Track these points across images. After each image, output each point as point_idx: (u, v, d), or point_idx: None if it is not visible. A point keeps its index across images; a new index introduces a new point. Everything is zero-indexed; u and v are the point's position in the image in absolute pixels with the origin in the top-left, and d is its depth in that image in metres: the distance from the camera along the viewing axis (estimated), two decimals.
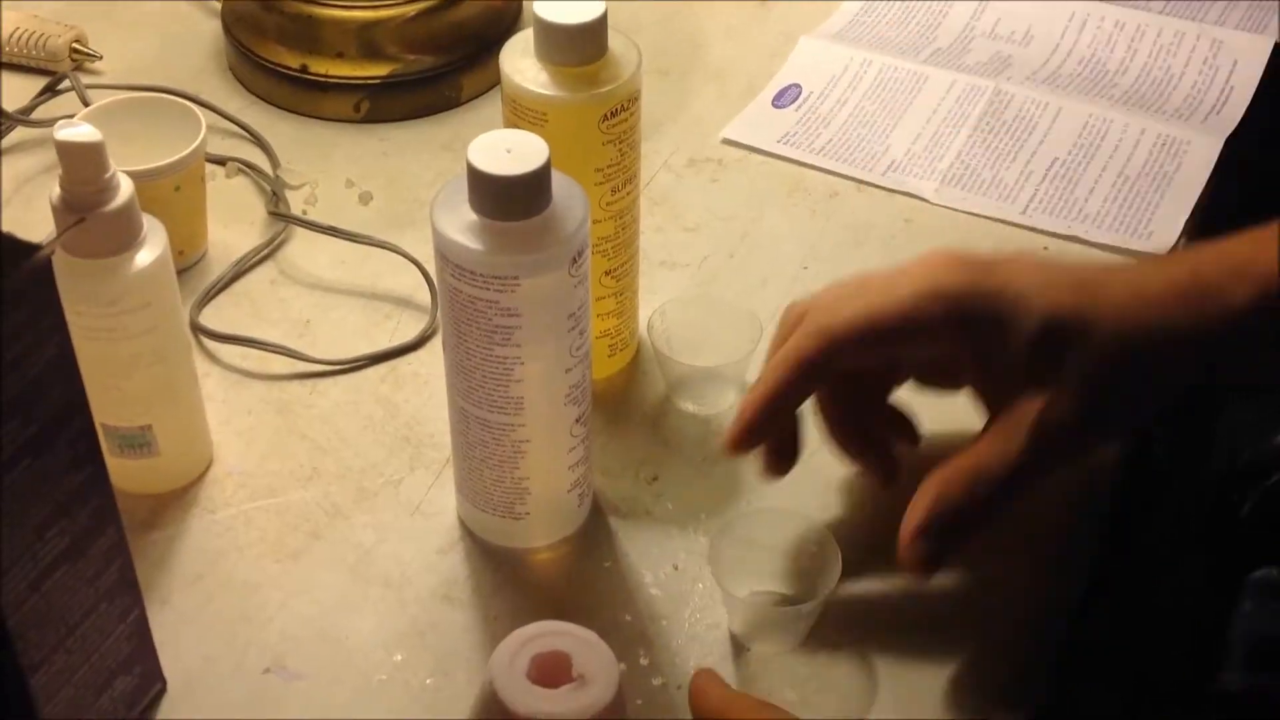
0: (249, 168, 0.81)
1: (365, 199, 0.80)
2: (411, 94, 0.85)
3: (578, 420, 0.60)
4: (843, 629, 0.59)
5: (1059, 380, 0.55)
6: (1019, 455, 0.56)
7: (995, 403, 0.59)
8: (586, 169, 0.63)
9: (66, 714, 0.52)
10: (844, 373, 0.59)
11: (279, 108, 0.85)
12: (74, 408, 0.48)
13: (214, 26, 0.90)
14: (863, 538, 0.61)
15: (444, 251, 0.55)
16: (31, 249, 0.45)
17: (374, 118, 0.85)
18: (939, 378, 0.63)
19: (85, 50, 0.87)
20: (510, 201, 0.54)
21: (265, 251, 0.76)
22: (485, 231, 0.55)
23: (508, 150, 0.54)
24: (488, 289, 0.55)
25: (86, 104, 0.79)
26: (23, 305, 0.45)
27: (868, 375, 0.62)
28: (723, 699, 0.54)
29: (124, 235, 0.58)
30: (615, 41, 0.62)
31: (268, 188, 0.79)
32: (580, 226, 0.55)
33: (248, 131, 0.83)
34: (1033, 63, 0.86)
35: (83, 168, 0.56)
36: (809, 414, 0.62)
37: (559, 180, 0.56)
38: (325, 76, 0.84)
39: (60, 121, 0.57)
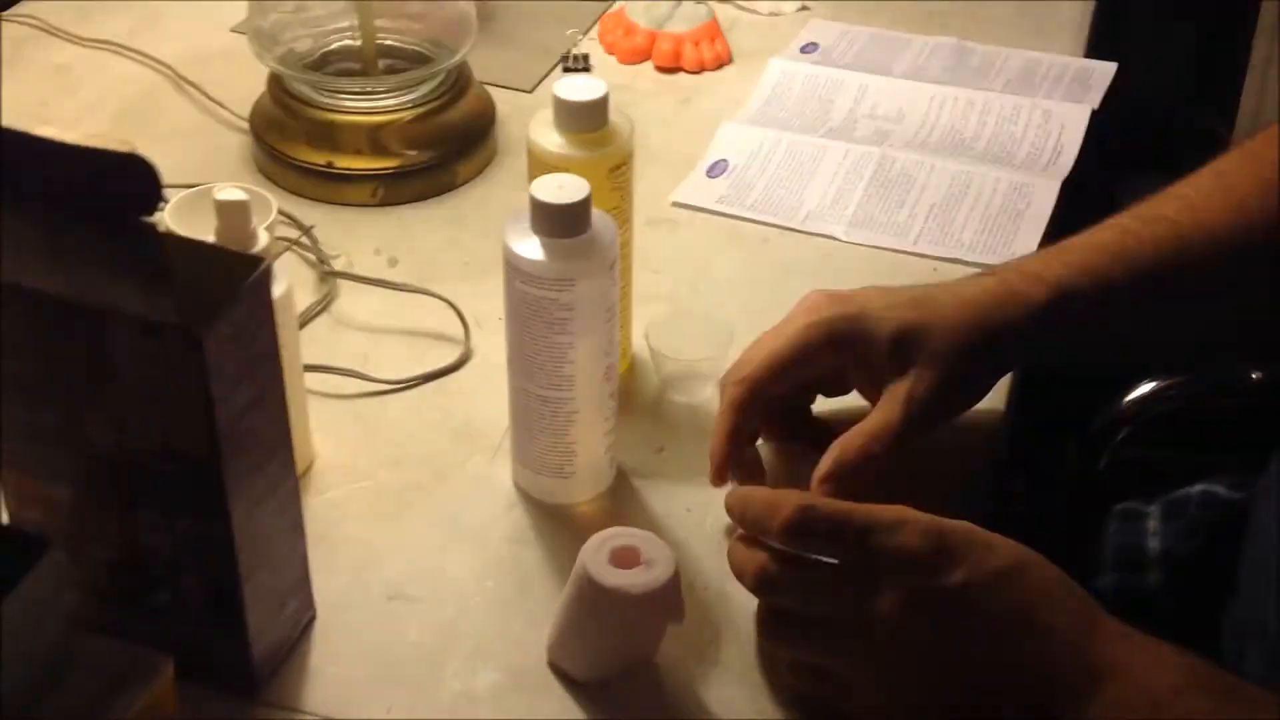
0: (294, 243, 0.99)
1: (392, 262, 0.98)
2: (417, 180, 1.04)
3: (610, 395, 0.79)
4: None
5: (915, 368, 0.76)
6: (896, 421, 0.76)
7: (875, 393, 0.79)
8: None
9: (259, 622, 0.68)
10: (771, 400, 0.79)
11: (307, 198, 1.04)
12: (276, 375, 0.65)
13: (239, 137, 1.09)
14: None
15: (515, 264, 0.75)
16: (257, 260, 0.63)
17: (388, 201, 1.04)
18: (833, 386, 0.82)
19: None
20: (565, 223, 0.74)
21: (321, 305, 0.94)
22: (547, 247, 0.74)
23: (559, 187, 0.74)
24: (549, 289, 0.74)
25: (164, 200, 0.96)
26: (251, 299, 0.62)
27: (786, 399, 0.81)
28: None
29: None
30: (614, 114, 0.83)
31: (314, 257, 0.98)
32: (614, 242, 0.75)
33: (288, 217, 1.01)
34: (907, 134, 1.09)
35: (236, 220, 0.74)
36: None
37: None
38: (347, 170, 1.03)
39: (214, 188, 0.75)
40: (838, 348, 0.78)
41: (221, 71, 1.15)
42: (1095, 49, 1.23)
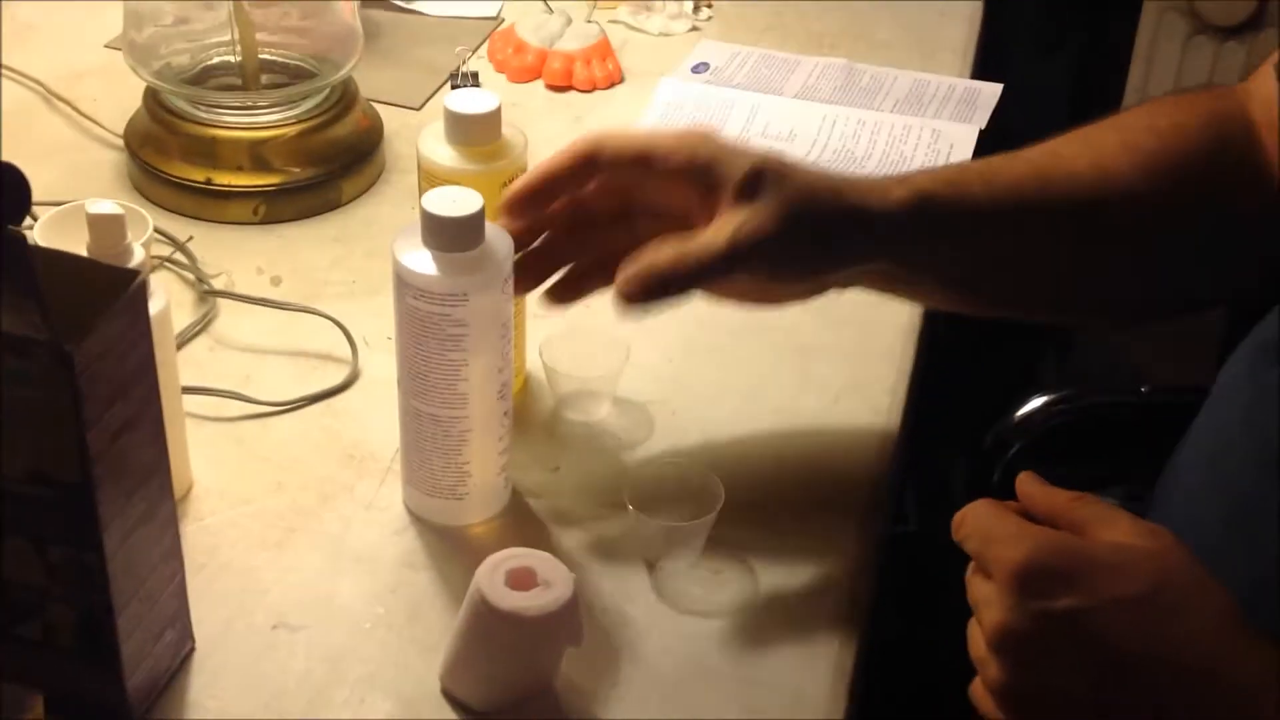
0: (172, 262, 0.95)
1: (276, 281, 0.95)
2: (301, 198, 1.01)
3: (505, 414, 0.77)
4: (730, 546, 0.77)
5: (757, 202, 0.73)
6: (720, 247, 0.72)
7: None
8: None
9: (134, 654, 0.65)
10: (602, 171, 0.75)
11: (186, 215, 1.00)
12: (153, 395, 0.62)
13: (112, 153, 1.05)
14: (740, 476, 0.80)
15: (406, 279, 0.72)
16: (132, 274, 0.60)
17: (271, 219, 1.00)
18: (672, 219, 0.76)
19: None
20: (457, 237, 0.72)
21: (201, 325, 0.90)
22: (439, 262, 0.72)
23: (452, 200, 0.72)
24: (443, 305, 0.72)
25: (34, 218, 0.92)
26: (126, 315, 0.59)
27: (613, 197, 0.77)
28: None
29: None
30: (507, 129, 0.81)
31: (192, 275, 0.94)
32: (508, 256, 0.73)
33: (165, 235, 0.97)
34: (799, 153, 1.09)
35: (110, 235, 0.71)
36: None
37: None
38: (228, 186, 1.00)
39: (86, 202, 0.72)
40: (695, 169, 0.74)
41: (95, 87, 1.11)
42: (980, 73, 1.24)
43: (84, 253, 0.72)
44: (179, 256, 0.96)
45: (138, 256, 0.72)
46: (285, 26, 1.05)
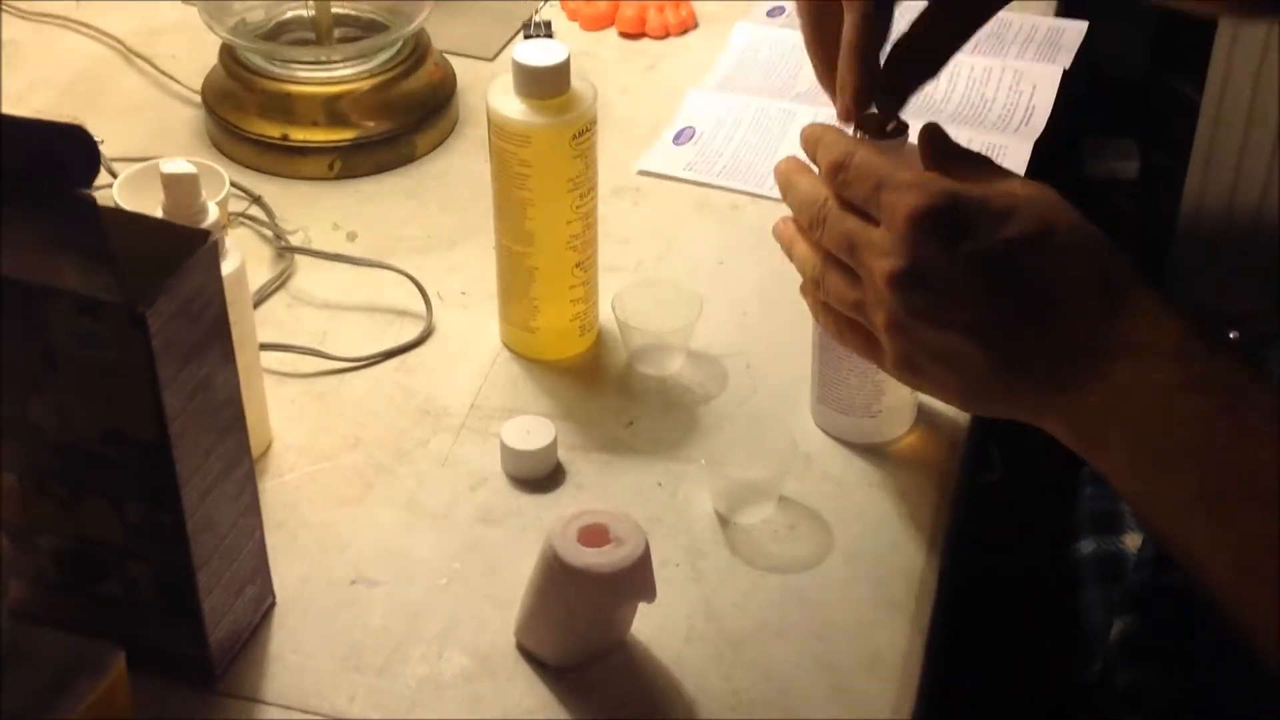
0: (250, 219, 0.96)
1: (351, 236, 0.96)
2: (375, 153, 1.01)
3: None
4: (805, 500, 0.77)
5: None
6: None
7: None
8: (561, 180, 0.80)
9: (215, 610, 0.66)
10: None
11: (263, 172, 1.01)
12: (228, 357, 0.63)
13: (191, 110, 1.06)
14: (816, 432, 0.80)
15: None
16: (204, 234, 0.60)
17: (346, 174, 1.01)
18: None
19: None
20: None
21: (278, 282, 0.91)
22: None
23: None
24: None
25: (114, 175, 0.93)
26: (199, 274, 0.60)
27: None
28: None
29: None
30: (575, 80, 0.80)
31: (270, 232, 0.95)
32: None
33: (243, 191, 0.98)
34: None
35: (184, 194, 0.71)
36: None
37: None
38: (304, 142, 1.00)
39: (160, 161, 0.72)
40: None
41: (173, 44, 1.12)
42: (1066, 9, 1.21)
43: (159, 211, 0.72)
44: (256, 213, 0.97)
45: (212, 215, 0.73)
46: None
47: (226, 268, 0.74)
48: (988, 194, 0.65)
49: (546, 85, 0.79)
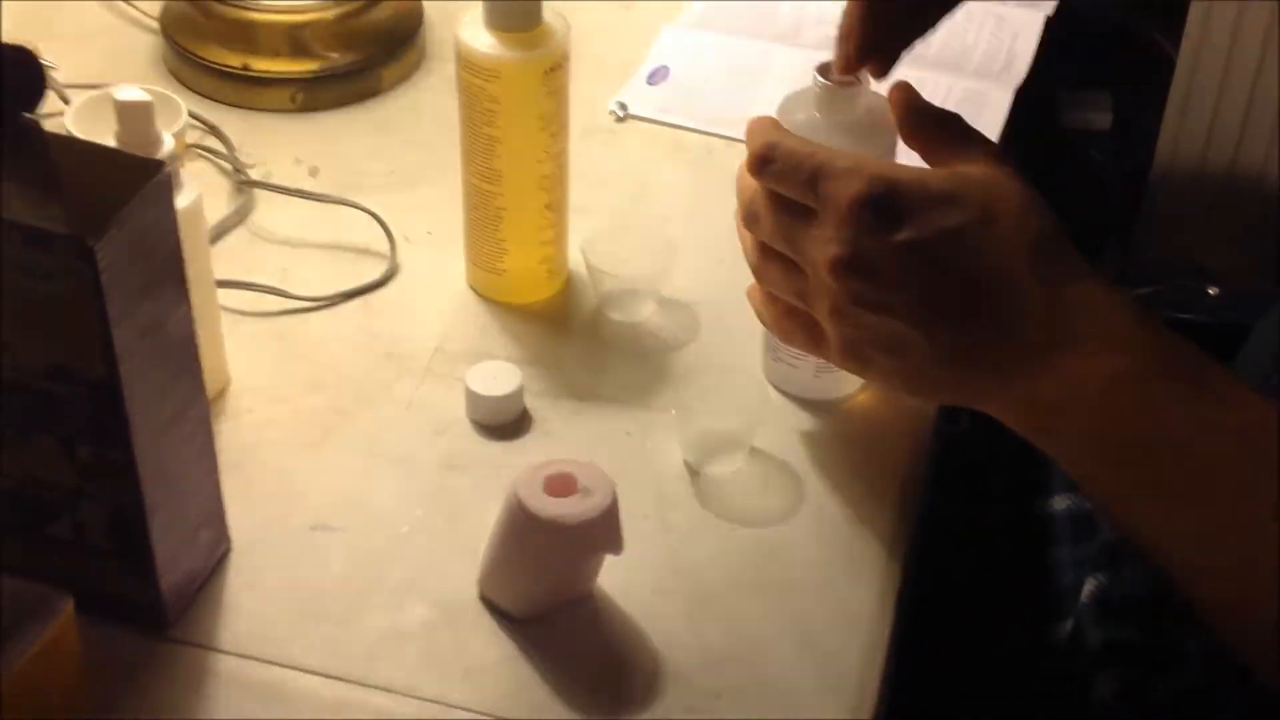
0: (208, 151, 0.93)
1: (314, 171, 0.93)
2: (340, 86, 0.98)
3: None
4: (777, 452, 0.75)
5: None
6: None
7: None
8: (531, 117, 0.78)
9: (168, 555, 0.64)
10: None
11: (223, 103, 0.97)
12: (182, 295, 0.60)
13: (149, 37, 1.02)
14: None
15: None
16: (157, 164, 0.57)
17: (309, 107, 0.98)
18: None
19: (44, 62, 0.98)
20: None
21: (237, 217, 0.88)
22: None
23: None
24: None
25: (66, 101, 0.90)
26: (152, 207, 0.57)
27: None
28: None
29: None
30: (548, 13, 0.78)
31: (229, 166, 0.92)
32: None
33: (202, 122, 0.95)
34: None
35: (138, 123, 0.68)
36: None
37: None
38: (265, 73, 0.97)
39: (114, 88, 0.69)
40: None
41: None
42: None
43: (113, 140, 0.69)
44: (215, 145, 0.94)
45: (168, 146, 0.70)
46: None
47: (181, 201, 0.71)
48: (928, 179, 0.63)
49: (517, 18, 0.76)
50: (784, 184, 0.66)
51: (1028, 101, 1.06)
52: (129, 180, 0.56)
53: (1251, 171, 1.76)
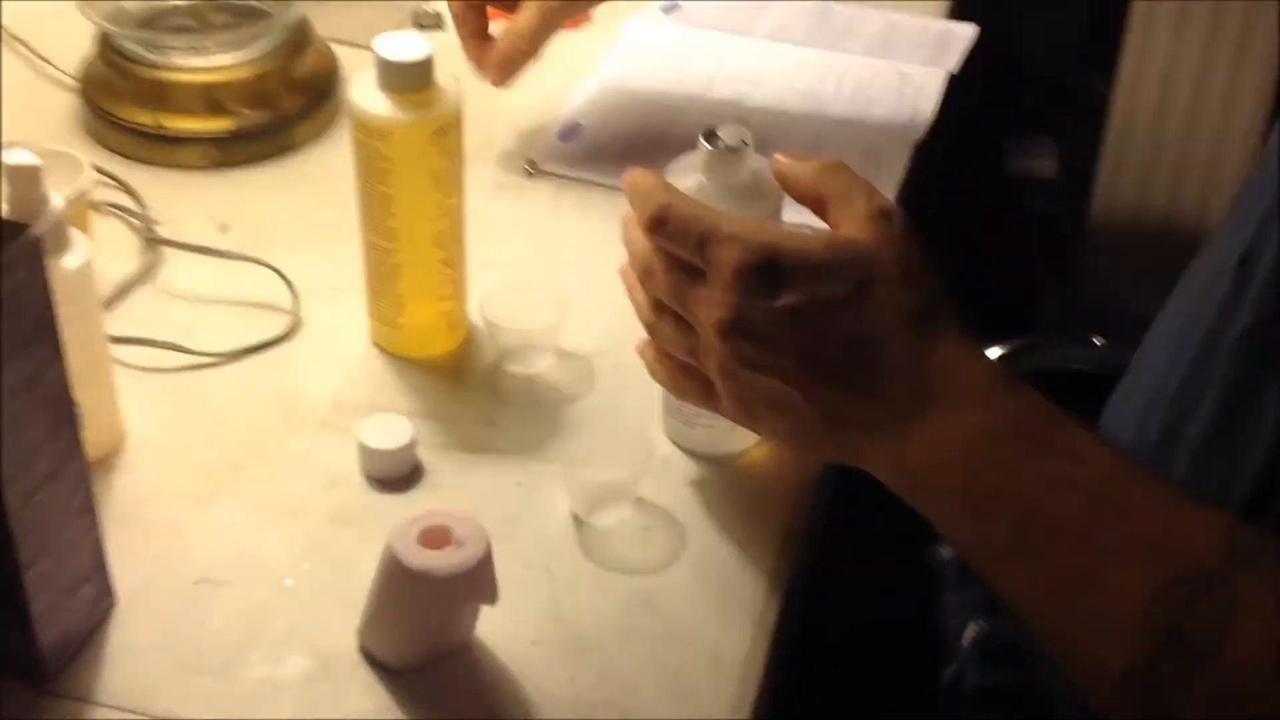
0: (119, 209, 0.95)
1: (223, 228, 0.94)
2: (253, 143, 1.00)
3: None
4: (662, 503, 0.77)
5: None
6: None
7: None
8: (424, 175, 0.80)
9: (46, 610, 0.65)
10: None
11: (137, 160, 0.99)
12: (56, 354, 0.62)
13: (66, 97, 1.04)
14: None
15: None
16: (20, 227, 0.59)
17: (222, 164, 0.99)
18: None
19: None
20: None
21: (144, 274, 0.90)
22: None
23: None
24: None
25: None
26: (21, 268, 0.59)
27: None
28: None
29: (58, 240, 0.71)
30: (440, 75, 0.80)
31: (138, 223, 0.93)
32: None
33: (114, 180, 0.96)
34: (765, 96, 1.07)
35: (27, 186, 0.70)
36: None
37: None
38: (179, 131, 0.99)
39: (4, 151, 0.71)
40: None
41: (54, 28, 1.10)
42: (966, 8, 1.21)
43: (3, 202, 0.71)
44: (128, 202, 0.95)
45: (55, 207, 0.71)
46: None
47: (71, 262, 0.73)
48: (808, 248, 0.65)
49: (408, 79, 0.78)
50: (676, 244, 0.68)
51: (972, 148, 1.08)
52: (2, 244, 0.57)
53: (1187, 217, 1.79)
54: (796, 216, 0.74)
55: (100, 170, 0.96)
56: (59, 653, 0.67)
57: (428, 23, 1.14)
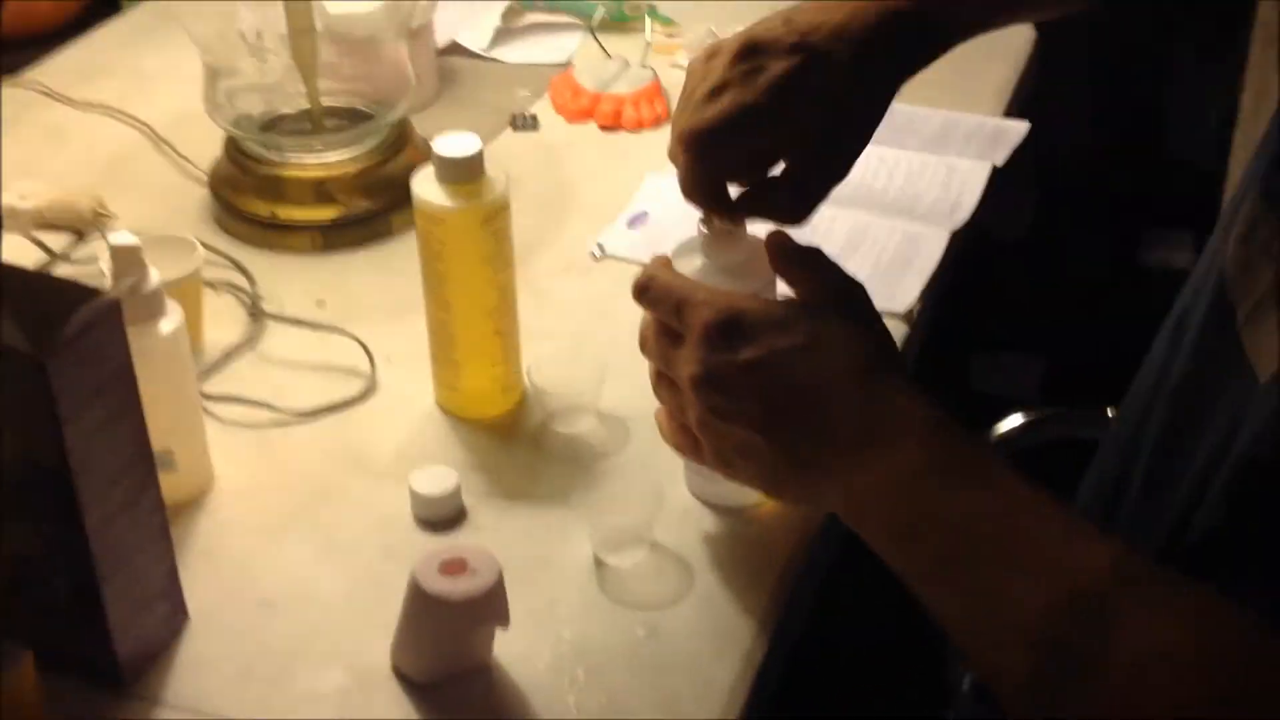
0: (234, 288, 1.08)
1: (320, 303, 1.06)
2: (355, 230, 1.13)
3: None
4: (676, 547, 0.85)
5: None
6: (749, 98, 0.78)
7: None
8: (474, 255, 0.90)
9: (122, 621, 0.76)
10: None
11: (255, 246, 1.12)
12: (134, 399, 0.73)
13: (200, 190, 1.18)
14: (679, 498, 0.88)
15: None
16: (96, 292, 0.71)
17: (328, 248, 1.12)
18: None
19: (104, 212, 1.14)
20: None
21: (248, 342, 1.02)
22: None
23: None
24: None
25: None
26: (99, 329, 0.70)
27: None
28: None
29: (154, 307, 0.84)
30: (490, 168, 0.90)
31: (247, 299, 1.06)
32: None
33: (232, 261, 1.10)
34: None
35: (128, 262, 0.82)
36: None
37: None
38: (290, 220, 1.12)
39: (110, 234, 0.84)
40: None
41: (194, 132, 1.25)
42: (1025, 108, 1.27)
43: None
44: (242, 281, 1.08)
45: (154, 280, 0.84)
46: (345, 75, 1.17)
47: (165, 326, 0.85)
48: (769, 308, 0.74)
49: (460, 172, 0.89)
50: (657, 310, 0.77)
51: (1110, 240, 1.13)
52: (78, 305, 0.69)
53: None
54: (790, 292, 0.82)
55: (220, 253, 1.10)
56: (135, 661, 0.78)
57: (525, 125, 1.26)
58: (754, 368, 0.72)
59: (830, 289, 0.75)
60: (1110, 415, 0.97)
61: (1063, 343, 1.95)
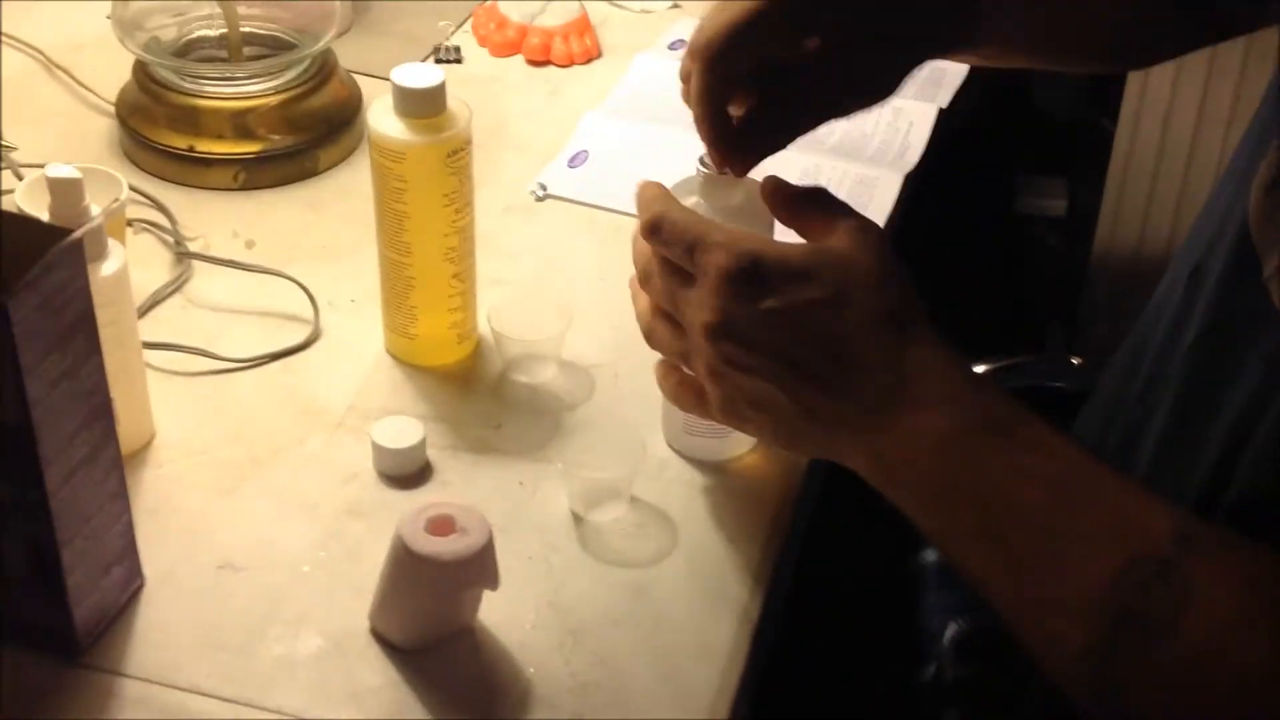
0: (152, 225, 1.00)
1: (250, 244, 1.00)
2: (279, 166, 1.06)
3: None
4: (656, 502, 0.82)
5: None
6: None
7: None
8: (436, 194, 0.85)
9: (80, 587, 0.70)
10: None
11: (170, 181, 1.05)
12: (94, 350, 0.67)
13: (106, 122, 1.10)
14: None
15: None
16: (64, 232, 0.65)
17: (250, 186, 1.05)
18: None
19: (7, 144, 1.06)
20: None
21: (175, 285, 0.96)
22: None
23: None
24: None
25: (20, 178, 0.98)
26: (62, 270, 0.64)
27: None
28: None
29: (97, 247, 0.77)
30: (452, 101, 0.85)
31: (170, 239, 0.99)
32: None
33: (148, 198, 1.02)
34: None
35: (69, 197, 0.76)
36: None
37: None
38: (209, 154, 1.05)
39: (48, 166, 0.77)
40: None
41: (94, 58, 1.16)
42: None
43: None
44: (161, 220, 1.01)
45: (95, 217, 0.77)
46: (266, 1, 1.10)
47: (108, 268, 0.78)
48: (789, 255, 0.70)
49: (422, 105, 0.84)
50: (669, 250, 0.73)
51: (985, 186, 1.13)
52: (42, 246, 0.63)
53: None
54: (786, 237, 0.79)
55: (135, 189, 1.02)
56: (91, 628, 0.72)
57: (448, 57, 1.20)
58: (775, 318, 0.69)
59: (849, 232, 0.72)
60: (1076, 363, 0.97)
61: (956, 294, 1.97)
